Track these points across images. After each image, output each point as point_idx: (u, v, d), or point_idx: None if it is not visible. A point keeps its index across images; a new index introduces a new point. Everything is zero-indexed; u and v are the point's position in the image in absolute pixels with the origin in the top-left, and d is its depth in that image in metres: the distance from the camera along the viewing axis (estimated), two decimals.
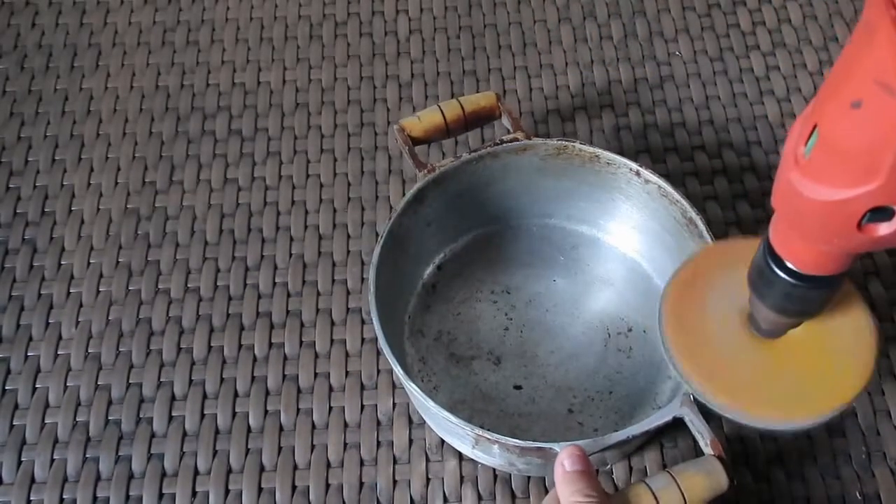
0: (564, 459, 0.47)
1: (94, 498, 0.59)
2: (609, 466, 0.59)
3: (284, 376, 0.63)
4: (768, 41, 0.78)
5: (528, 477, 0.59)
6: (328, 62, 0.79)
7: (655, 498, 0.46)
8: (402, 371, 0.52)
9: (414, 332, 0.63)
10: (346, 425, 0.61)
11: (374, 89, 0.77)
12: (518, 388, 0.61)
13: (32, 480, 0.60)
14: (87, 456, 0.60)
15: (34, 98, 0.77)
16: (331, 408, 0.62)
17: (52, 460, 0.60)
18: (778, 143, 0.73)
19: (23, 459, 0.60)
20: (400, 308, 0.63)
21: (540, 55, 0.78)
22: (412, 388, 0.52)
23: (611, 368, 0.61)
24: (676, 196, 0.58)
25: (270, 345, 0.64)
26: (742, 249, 0.42)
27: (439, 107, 0.61)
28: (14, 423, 0.62)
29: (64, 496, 0.59)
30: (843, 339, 0.44)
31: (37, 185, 0.72)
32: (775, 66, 0.77)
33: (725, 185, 0.70)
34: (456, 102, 0.61)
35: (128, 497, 0.59)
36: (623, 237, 0.65)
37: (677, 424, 0.51)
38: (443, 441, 0.60)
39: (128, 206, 0.71)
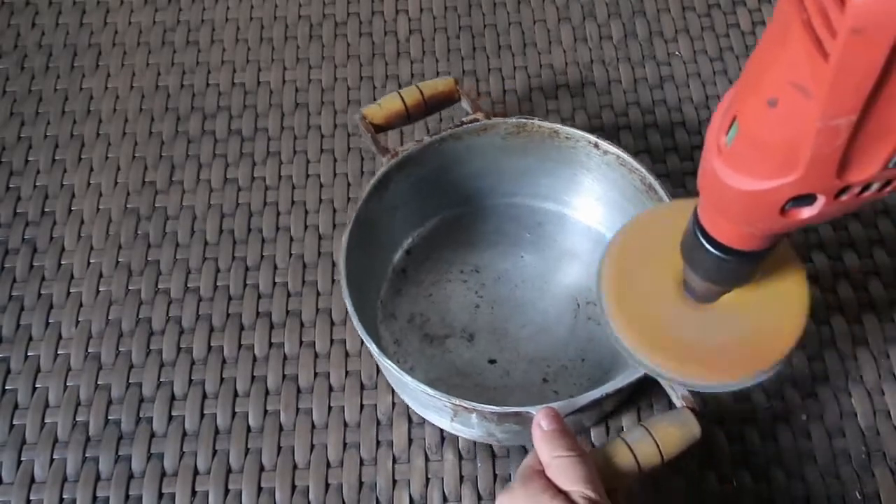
0: (541, 420, 0.47)
1: (94, 498, 0.59)
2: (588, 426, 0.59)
3: (284, 376, 0.63)
4: None
5: None
6: (328, 62, 0.79)
7: (632, 451, 0.47)
8: (376, 349, 0.52)
9: (387, 317, 0.63)
10: (345, 425, 0.61)
11: (373, 89, 0.77)
12: (492, 362, 0.61)
13: (32, 480, 0.60)
14: (87, 456, 0.60)
15: (34, 98, 0.77)
16: (330, 407, 0.62)
17: (52, 460, 0.60)
18: None
19: (23, 459, 0.60)
20: (372, 294, 0.63)
21: (540, 55, 0.78)
22: (388, 365, 0.52)
23: (582, 337, 0.62)
24: (634, 164, 0.59)
25: (270, 345, 0.64)
26: (683, 212, 0.42)
27: (399, 93, 0.61)
28: (14, 423, 0.62)
29: (64, 496, 0.59)
30: (778, 301, 0.45)
31: (37, 185, 0.72)
32: None
33: None
34: (415, 88, 0.62)
35: (127, 497, 0.59)
36: (587, 210, 0.66)
37: (651, 385, 0.51)
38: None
39: (128, 206, 0.71)
